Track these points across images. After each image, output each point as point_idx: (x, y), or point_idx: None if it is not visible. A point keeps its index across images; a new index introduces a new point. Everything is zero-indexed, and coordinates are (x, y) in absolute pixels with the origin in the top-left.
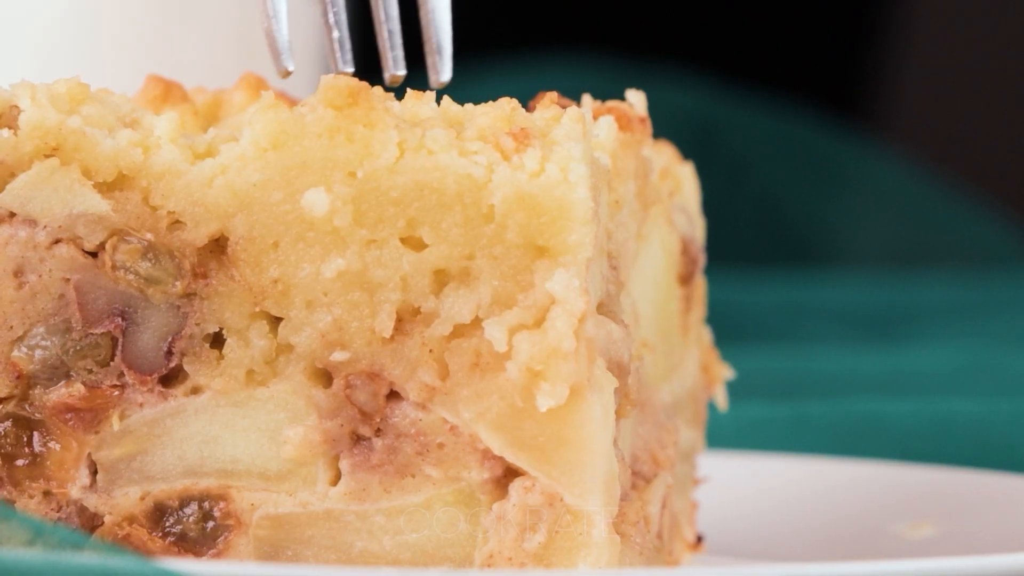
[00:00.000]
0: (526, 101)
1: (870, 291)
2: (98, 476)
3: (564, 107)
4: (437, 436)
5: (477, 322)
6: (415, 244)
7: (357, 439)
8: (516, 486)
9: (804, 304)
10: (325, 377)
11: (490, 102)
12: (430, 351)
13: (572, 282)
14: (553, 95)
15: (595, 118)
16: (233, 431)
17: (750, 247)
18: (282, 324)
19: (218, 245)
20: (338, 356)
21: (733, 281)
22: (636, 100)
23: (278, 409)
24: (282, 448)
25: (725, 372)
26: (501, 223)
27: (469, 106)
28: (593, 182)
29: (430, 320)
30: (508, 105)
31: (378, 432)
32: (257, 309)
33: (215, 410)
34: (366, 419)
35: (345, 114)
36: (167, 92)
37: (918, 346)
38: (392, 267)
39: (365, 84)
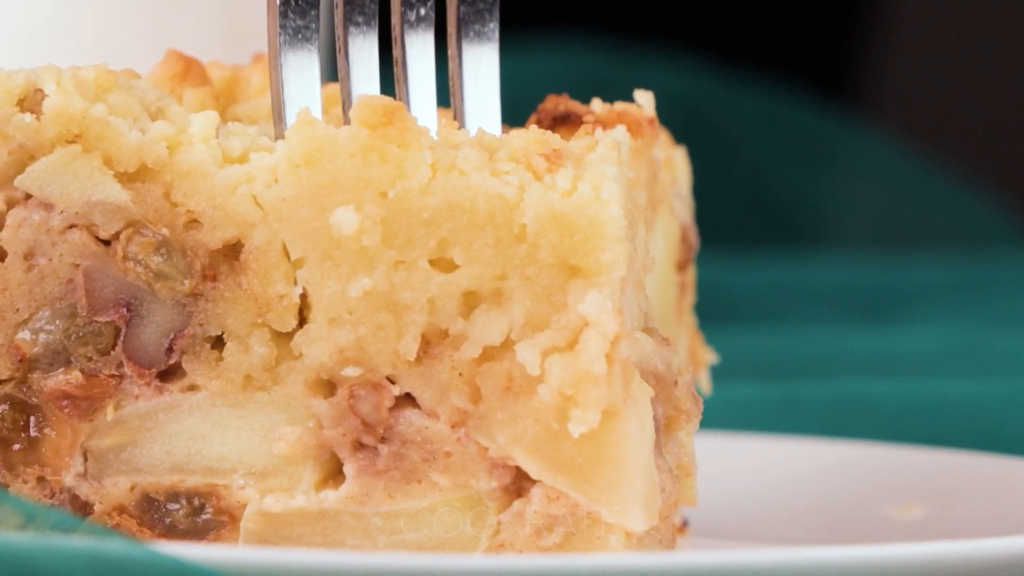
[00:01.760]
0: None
1: (860, 272)
2: (88, 464)
3: (571, 109)
4: (444, 445)
5: (508, 344)
6: (445, 266)
7: (361, 446)
8: (539, 494)
9: (793, 285)
10: (327, 387)
11: (523, 128)
12: (460, 374)
13: (605, 304)
14: (564, 97)
15: (605, 125)
16: (224, 430)
17: (739, 228)
18: (299, 334)
19: (232, 250)
20: (349, 372)
21: (722, 262)
22: (644, 101)
23: (276, 411)
24: (274, 444)
25: (709, 357)
26: (533, 243)
27: (504, 134)
28: (626, 201)
29: (459, 343)
30: (541, 129)
31: (383, 440)
32: (259, 320)
33: (209, 409)
34: (369, 429)
35: (379, 133)
36: (187, 70)
37: (908, 327)
38: (420, 289)
39: (400, 104)
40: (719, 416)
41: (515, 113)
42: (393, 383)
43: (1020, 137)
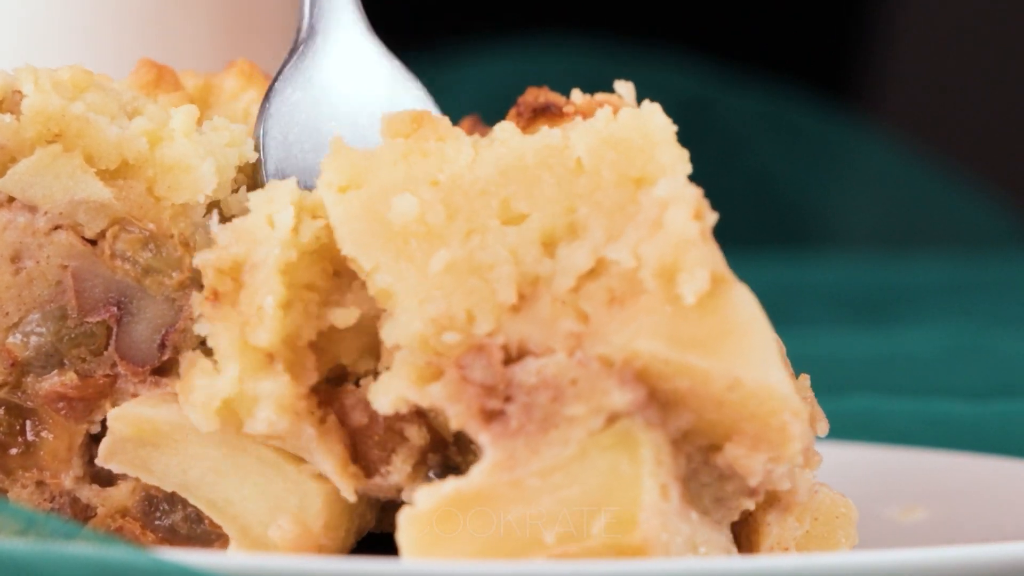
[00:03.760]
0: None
1: (862, 272)
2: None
3: (551, 100)
4: (567, 374)
5: (599, 263)
6: (515, 219)
7: (488, 415)
8: (729, 451)
9: (796, 285)
10: (432, 373)
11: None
12: (562, 303)
13: (678, 181)
14: (544, 90)
15: (584, 115)
16: (242, 477)
17: (741, 229)
18: (387, 325)
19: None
20: (450, 337)
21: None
22: (625, 91)
23: (295, 489)
24: (272, 527)
25: None
26: (593, 169)
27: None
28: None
29: (551, 280)
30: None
31: (507, 399)
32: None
33: (239, 449)
34: (490, 392)
35: (415, 138)
36: (159, 77)
37: (910, 327)
38: (498, 246)
39: (425, 111)
40: None
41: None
42: (496, 337)
43: (1022, 138)
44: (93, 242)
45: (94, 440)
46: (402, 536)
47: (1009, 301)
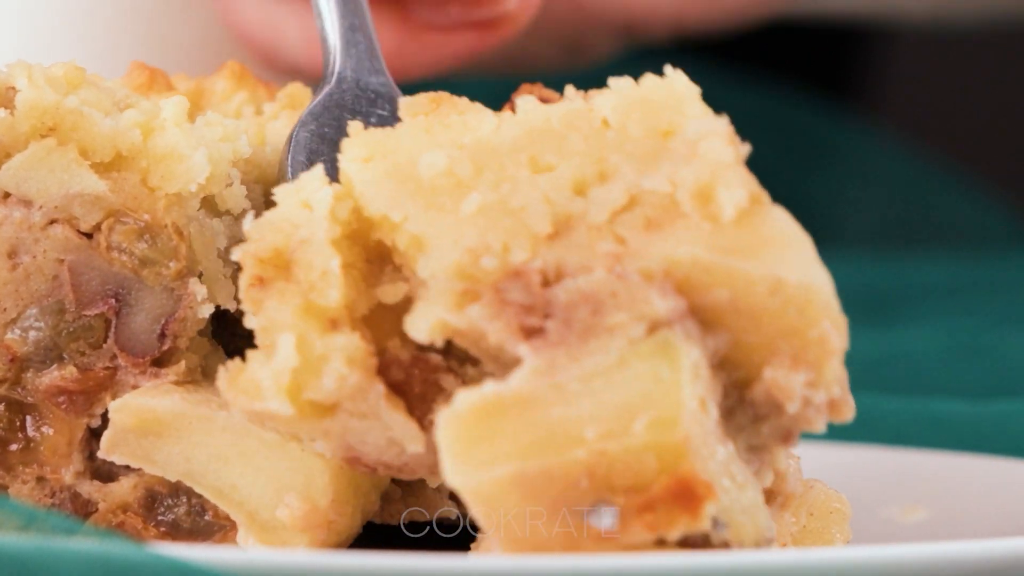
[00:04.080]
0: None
1: (862, 271)
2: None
3: (547, 99)
4: (607, 288)
5: (633, 198)
6: (545, 169)
7: (528, 331)
8: (767, 375)
9: None
10: (471, 297)
11: None
12: (599, 231)
13: (708, 118)
14: (538, 86)
15: None
16: (247, 462)
17: None
18: (422, 260)
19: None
20: (488, 262)
21: None
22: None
23: (300, 468)
24: (280, 507)
25: None
26: (620, 125)
27: None
28: None
29: (585, 215)
30: None
31: (547, 316)
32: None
33: (242, 435)
34: (529, 311)
35: (435, 114)
36: (151, 79)
37: (910, 327)
38: (530, 190)
39: (443, 92)
40: None
41: None
42: (533, 263)
43: (1022, 138)
44: (89, 235)
45: (94, 435)
46: (440, 435)
47: (1009, 301)
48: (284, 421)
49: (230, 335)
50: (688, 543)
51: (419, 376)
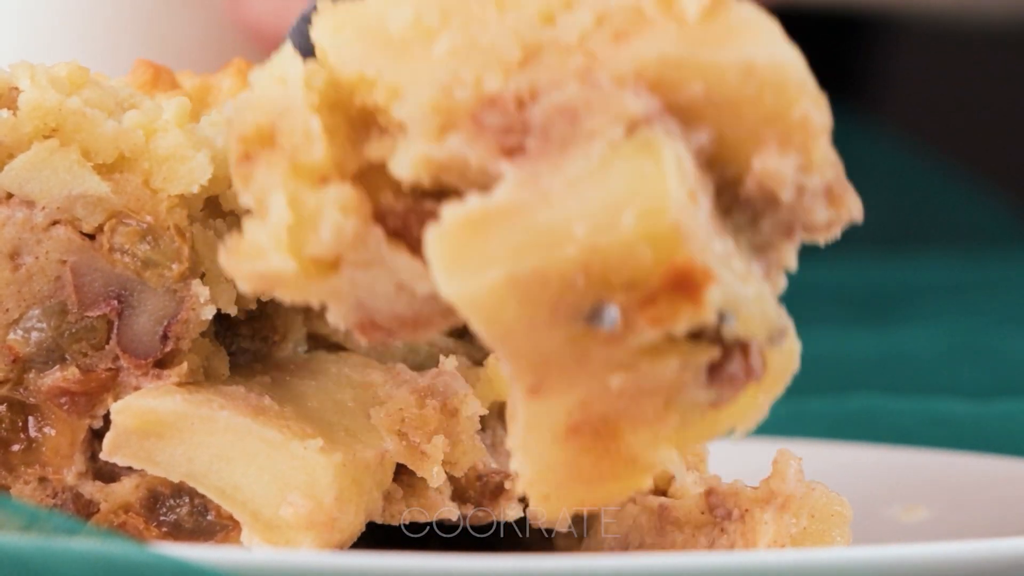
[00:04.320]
0: None
1: (863, 271)
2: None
3: None
4: (582, 98)
5: (600, 17)
6: (511, 6)
7: (508, 151)
8: (756, 165)
9: (797, 284)
10: (449, 127)
11: None
12: (568, 50)
13: None
14: None
15: None
16: (250, 461)
17: None
18: (397, 105)
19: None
20: (460, 93)
21: None
22: None
23: (303, 468)
24: (284, 506)
25: None
26: None
27: None
28: None
29: (555, 39)
30: None
31: (525, 134)
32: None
33: (244, 435)
34: (507, 133)
35: None
36: (156, 77)
37: (911, 327)
38: (499, 27)
39: None
40: None
41: None
42: (507, 89)
43: (1022, 138)
44: (91, 236)
45: (96, 436)
46: (430, 251)
47: (1010, 300)
48: (291, 284)
49: (232, 336)
50: (699, 338)
51: (415, 221)
